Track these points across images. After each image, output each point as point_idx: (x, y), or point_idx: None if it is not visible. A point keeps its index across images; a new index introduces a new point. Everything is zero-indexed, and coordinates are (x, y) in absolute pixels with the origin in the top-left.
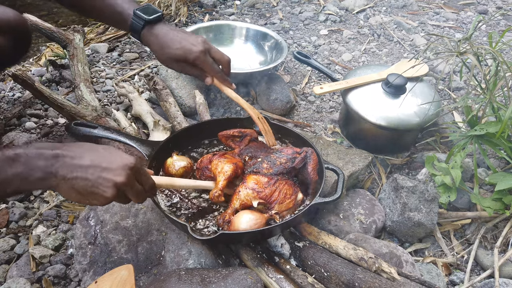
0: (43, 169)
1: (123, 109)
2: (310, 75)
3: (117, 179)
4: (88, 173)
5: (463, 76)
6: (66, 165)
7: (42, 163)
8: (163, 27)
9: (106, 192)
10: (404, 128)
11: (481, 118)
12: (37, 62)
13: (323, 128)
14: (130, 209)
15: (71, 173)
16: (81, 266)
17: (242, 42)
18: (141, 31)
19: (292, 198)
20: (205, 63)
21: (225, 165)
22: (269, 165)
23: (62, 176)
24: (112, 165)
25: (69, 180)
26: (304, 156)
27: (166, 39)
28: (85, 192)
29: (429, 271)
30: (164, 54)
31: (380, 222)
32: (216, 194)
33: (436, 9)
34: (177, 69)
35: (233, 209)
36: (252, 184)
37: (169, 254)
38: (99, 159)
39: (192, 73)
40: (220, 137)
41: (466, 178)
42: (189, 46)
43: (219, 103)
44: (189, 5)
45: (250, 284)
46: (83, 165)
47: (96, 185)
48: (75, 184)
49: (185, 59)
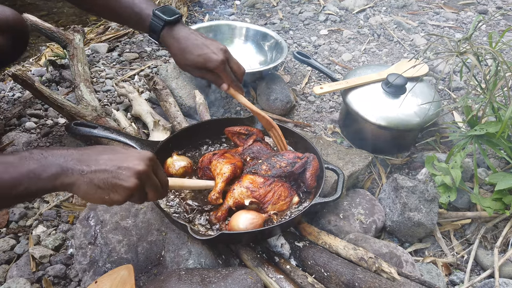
0: (59, 164)
1: (123, 109)
2: (310, 75)
3: (137, 167)
4: (108, 165)
5: (463, 76)
6: (84, 160)
7: (58, 160)
8: (183, 29)
9: (127, 181)
10: (404, 128)
11: (481, 118)
12: (37, 62)
13: (323, 128)
14: (130, 209)
15: (89, 167)
16: (81, 266)
17: (242, 42)
18: (160, 32)
19: (287, 201)
20: (224, 72)
21: (223, 166)
22: (268, 167)
23: (79, 170)
24: (131, 157)
25: (87, 174)
26: (305, 161)
27: (187, 44)
28: (105, 185)
29: (429, 271)
30: (184, 59)
31: (380, 222)
32: (214, 197)
33: (436, 9)
34: (194, 74)
35: (226, 206)
36: (247, 183)
37: (169, 254)
38: (118, 153)
39: (208, 78)
40: (227, 133)
41: (466, 178)
42: (210, 54)
43: (219, 103)
44: (189, 5)
45: (250, 284)
46: (102, 159)
47: (117, 175)
48: (95, 178)
49: (205, 66)
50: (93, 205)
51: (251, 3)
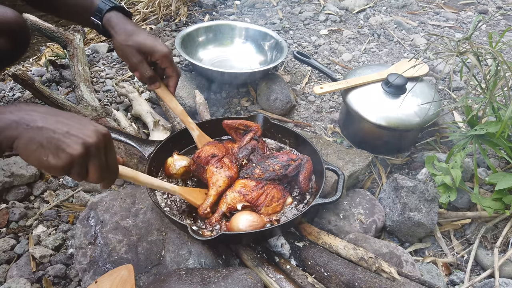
0: (7, 118)
1: (123, 109)
2: (310, 75)
3: (87, 138)
4: (57, 127)
5: (463, 76)
6: (33, 116)
7: (8, 115)
8: (131, 20)
9: (71, 148)
10: (404, 128)
11: (481, 118)
12: (37, 62)
13: (323, 128)
14: (130, 209)
15: (35, 123)
16: (81, 266)
17: (242, 42)
18: (106, 12)
19: (280, 202)
20: (172, 62)
21: (220, 177)
22: (262, 171)
23: (25, 124)
24: (84, 126)
25: (32, 129)
26: (298, 164)
27: (135, 28)
28: (48, 145)
29: (429, 271)
30: (129, 40)
31: (380, 222)
32: (205, 212)
33: (436, 9)
34: (132, 60)
35: (220, 213)
36: (239, 187)
37: (169, 254)
38: (72, 120)
39: (143, 69)
40: (224, 126)
41: (466, 178)
42: (158, 43)
43: (219, 103)
44: (189, 5)
45: (250, 284)
46: (53, 120)
47: (63, 139)
48: (39, 135)
49: (152, 50)
50: (93, 205)
51: (251, 3)
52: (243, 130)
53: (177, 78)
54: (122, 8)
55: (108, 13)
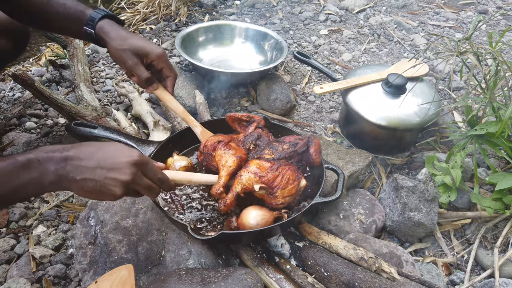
0: (54, 172)
1: (123, 109)
2: (310, 75)
3: (122, 177)
4: (96, 175)
5: (463, 76)
6: (75, 167)
7: (53, 167)
8: (123, 27)
9: (114, 191)
10: (404, 128)
11: (481, 118)
12: (37, 62)
13: (323, 128)
14: (130, 209)
15: (80, 175)
16: (81, 266)
17: (242, 42)
18: (99, 21)
19: (295, 184)
20: (167, 62)
21: (229, 158)
22: (271, 151)
23: (72, 178)
24: (117, 165)
25: (79, 182)
26: (306, 141)
27: (128, 34)
28: (95, 192)
29: (429, 271)
30: (124, 44)
31: (380, 222)
32: (218, 192)
33: (436, 9)
34: (127, 63)
35: (235, 193)
36: (254, 168)
37: (169, 254)
38: (105, 159)
39: (140, 71)
40: (228, 119)
41: (466, 178)
42: (153, 45)
43: (219, 103)
44: (189, 5)
45: (250, 284)
46: (90, 167)
47: (104, 185)
48: (85, 186)
49: (147, 53)
50: (93, 205)
51: (251, 3)
52: (246, 122)
53: (174, 78)
54: (114, 16)
55: (100, 22)
